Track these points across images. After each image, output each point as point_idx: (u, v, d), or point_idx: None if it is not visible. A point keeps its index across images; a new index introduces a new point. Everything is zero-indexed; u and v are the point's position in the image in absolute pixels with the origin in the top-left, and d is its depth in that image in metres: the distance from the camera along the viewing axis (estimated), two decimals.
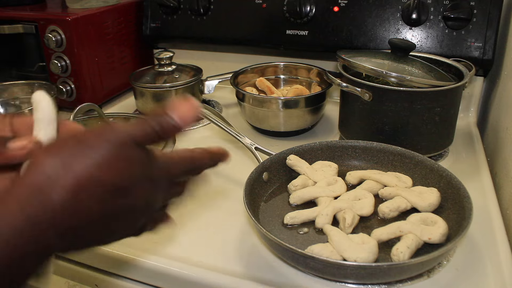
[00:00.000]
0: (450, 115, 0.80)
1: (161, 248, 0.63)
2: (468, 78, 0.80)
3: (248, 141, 0.78)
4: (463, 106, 1.00)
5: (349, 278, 0.54)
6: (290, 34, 1.05)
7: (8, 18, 1.04)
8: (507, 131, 0.81)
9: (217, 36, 1.12)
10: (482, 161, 0.83)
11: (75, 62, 1.02)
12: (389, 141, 0.77)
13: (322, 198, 0.67)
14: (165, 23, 1.16)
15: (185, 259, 0.61)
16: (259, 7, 1.06)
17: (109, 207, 0.35)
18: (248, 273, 0.58)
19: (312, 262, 0.53)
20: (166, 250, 0.63)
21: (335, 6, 1.00)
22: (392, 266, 0.53)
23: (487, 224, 0.66)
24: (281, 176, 0.75)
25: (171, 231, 0.67)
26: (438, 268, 0.58)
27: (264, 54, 1.14)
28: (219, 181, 0.80)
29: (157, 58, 1.04)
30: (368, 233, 0.60)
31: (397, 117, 0.77)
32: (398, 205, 0.65)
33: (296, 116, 0.91)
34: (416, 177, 0.71)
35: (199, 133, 0.99)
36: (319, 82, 1.03)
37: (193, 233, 0.67)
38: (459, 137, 0.91)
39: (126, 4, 1.15)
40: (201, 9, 1.10)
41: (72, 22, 0.99)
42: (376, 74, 0.77)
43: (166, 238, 0.65)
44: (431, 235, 0.58)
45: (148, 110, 1.02)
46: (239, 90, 0.94)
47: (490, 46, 0.90)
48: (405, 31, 0.96)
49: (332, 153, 0.78)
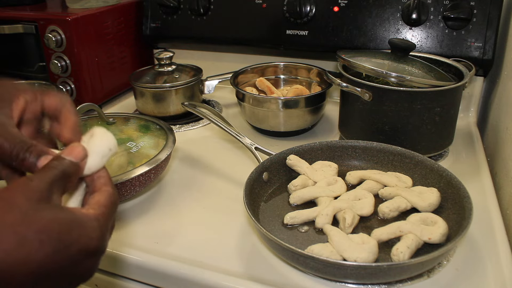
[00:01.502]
0: (450, 115, 0.80)
1: (161, 248, 0.63)
2: (468, 78, 0.80)
3: (248, 141, 0.78)
4: (463, 106, 1.00)
5: (349, 278, 0.54)
6: (290, 34, 1.05)
7: (8, 18, 1.04)
8: (507, 131, 0.81)
9: (217, 36, 1.12)
10: (482, 161, 0.83)
11: (75, 62, 1.02)
12: (389, 141, 0.77)
13: (322, 198, 0.67)
14: (165, 23, 1.16)
15: (185, 259, 0.61)
16: (259, 7, 1.06)
17: None
18: (248, 273, 0.58)
19: (312, 262, 0.53)
20: (166, 250, 0.63)
21: (335, 6, 1.00)
22: (392, 266, 0.53)
23: (487, 224, 0.66)
24: (281, 176, 0.75)
25: (170, 231, 0.67)
26: (438, 268, 0.58)
27: (264, 54, 1.14)
28: (219, 181, 0.80)
29: (157, 58, 1.04)
30: (368, 233, 0.60)
31: (397, 117, 0.77)
32: (398, 205, 0.65)
33: (296, 116, 0.91)
34: (416, 177, 0.71)
35: (199, 133, 0.99)
36: (319, 82, 1.03)
37: (193, 233, 0.67)
38: (459, 137, 0.91)
39: (126, 4, 1.15)
40: (201, 9, 1.10)
41: (72, 22, 0.99)
42: (376, 74, 0.77)
43: (166, 238, 0.65)
44: (431, 235, 0.58)
45: (148, 111, 1.02)
46: (239, 90, 0.94)
47: (490, 46, 0.90)
48: (405, 31, 0.96)
49: (332, 153, 0.78)
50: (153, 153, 0.74)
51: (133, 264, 0.62)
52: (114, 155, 0.51)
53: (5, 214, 0.32)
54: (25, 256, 0.31)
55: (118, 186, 0.67)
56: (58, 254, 0.32)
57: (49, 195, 0.34)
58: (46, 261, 0.32)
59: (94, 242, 0.35)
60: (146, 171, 0.69)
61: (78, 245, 0.34)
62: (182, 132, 0.99)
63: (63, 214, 0.34)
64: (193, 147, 0.92)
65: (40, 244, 0.32)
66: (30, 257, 0.31)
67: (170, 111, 1.02)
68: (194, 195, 0.76)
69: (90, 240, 0.35)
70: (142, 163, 0.70)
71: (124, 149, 0.77)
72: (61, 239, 0.33)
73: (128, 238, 0.65)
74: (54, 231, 0.33)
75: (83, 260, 0.35)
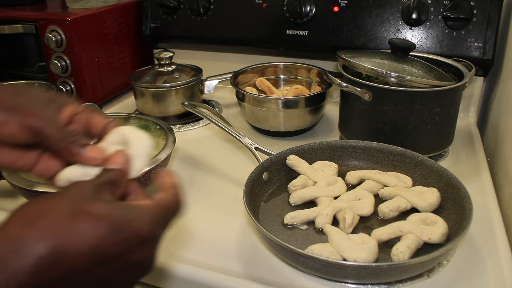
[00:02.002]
0: (450, 115, 0.80)
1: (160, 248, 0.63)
2: (468, 78, 0.80)
3: (248, 141, 0.78)
4: (463, 106, 1.00)
5: (349, 278, 0.54)
6: (290, 34, 1.05)
7: (8, 18, 1.04)
8: (507, 131, 0.81)
9: (217, 36, 1.12)
10: (482, 161, 0.83)
11: (75, 62, 1.02)
12: (389, 141, 0.77)
13: (322, 198, 0.67)
14: (165, 23, 1.16)
15: (185, 259, 0.61)
16: (259, 7, 1.06)
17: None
18: (248, 273, 0.58)
19: (312, 262, 0.53)
20: (166, 250, 0.63)
21: (335, 6, 1.00)
22: (392, 266, 0.53)
23: (487, 224, 0.66)
24: (281, 176, 0.75)
25: (170, 231, 0.67)
26: (438, 268, 0.58)
27: (264, 54, 1.14)
28: (219, 181, 0.80)
29: (157, 58, 1.04)
30: (368, 233, 0.60)
31: (397, 117, 0.77)
32: (398, 205, 0.65)
33: (296, 116, 0.91)
34: (416, 177, 0.71)
35: (199, 133, 0.99)
36: (319, 82, 1.03)
37: (193, 233, 0.67)
38: (459, 137, 0.91)
39: (126, 4, 1.15)
40: (201, 9, 1.10)
41: (72, 22, 0.99)
42: (376, 74, 0.77)
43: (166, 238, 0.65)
44: (431, 235, 0.58)
45: (148, 111, 1.02)
46: (239, 90, 0.94)
47: (490, 46, 0.90)
48: (405, 31, 0.96)
49: (332, 153, 0.78)
50: (153, 153, 0.74)
51: None
52: None
53: (58, 202, 0.34)
54: (77, 236, 0.32)
55: None
56: (111, 237, 0.34)
57: (99, 194, 0.37)
58: (100, 243, 0.33)
59: (146, 228, 0.36)
60: (146, 171, 0.69)
61: (130, 229, 0.35)
62: (182, 132, 0.99)
63: (115, 203, 0.37)
64: (193, 147, 0.92)
65: (93, 226, 0.33)
66: (84, 237, 0.32)
67: (170, 111, 1.02)
68: (194, 195, 0.76)
69: (141, 225, 0.36)
70: None
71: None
72: (112, 222, 0.34)
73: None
74: (107, 216, 0.34)
75: (137, 246, 0.36)
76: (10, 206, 0.73)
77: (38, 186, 0.65)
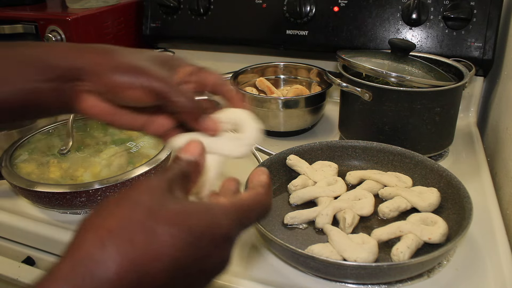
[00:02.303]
0: (450, 115, 0.80)
1: None
2: (468, 78, 0.80)
3: None
4: (463, 106, 1.00)
5: (349, 278, 0.54)
6: (290, 34, 1.05)
7: (8, 18, 1.04)
8: (507, 131, 0.81)
9: (217, 36, 1.12)
10: (482, 161, 0.83)
11: None
12: (389, 141, 0.77)
13: (322, 198, 0.67)
14: (165, 23, 1.16)
15: None
16: (259, 7, 1.06)
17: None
18: (248, 273, 0.58)
19: (312, 262, 0.53)
20: None
21: (335, 6, 1.00)
22: (392, 266, 0.53)
23: (487, 224, 0.66)
24: (281, 176, 0.75)
25: None
26: (438, 268, 0.58)
27: (264, 54, 1.14)
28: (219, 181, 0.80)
29: None
30: (368, 233, 0.60)
31: (397, 117, 0.77)
32: (398, 205, 0.65)
33: (296, 116, 0.91)
34: (416, 177, 0.71)
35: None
36: (319, 82, 1.03)
37: None
38: (459, 137, 0.91)
39: (126, 4, 1.15)
40: (201, 9, 1.10)
41: (72, 22, 0.99)
42: (376, 74, 0.77)
43: None
44: (431, 235, 0.58)
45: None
46: (239, 90, 0.94)
47: (490, 46, 0.90)
48: (405, 31, 0.96)
49: (332, 153, 0.78)
50: (153, 153, 0.74)
51: None
52: None
53: (131, 212, 0.31)
54: (157, 252, 0.30)
55: (118, 186, 0.67)
56: (190, 247, 0.31)
57: (171, 191, 0.34)
58: (179, 256, 0.31)
59: (223, 231, 0.34)
60: (146, 171, 0.69)
61: (208, 235, 0.33)
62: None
63: (189, 204, 0.34)
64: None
65: (172, 238, 0.30)
66: (163, 252, 0.30)
67: None
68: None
69: (219, 230, 0.33)
70: (142, 163, 0.70)
71: (124, 149, 0.77)
72: (191, 231, 0.31)
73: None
74: (184, 224, 0.31)
75: (213, 251, 0.33)
76: (10, 206, 0.73)
77: (38, 186, 0.65)
